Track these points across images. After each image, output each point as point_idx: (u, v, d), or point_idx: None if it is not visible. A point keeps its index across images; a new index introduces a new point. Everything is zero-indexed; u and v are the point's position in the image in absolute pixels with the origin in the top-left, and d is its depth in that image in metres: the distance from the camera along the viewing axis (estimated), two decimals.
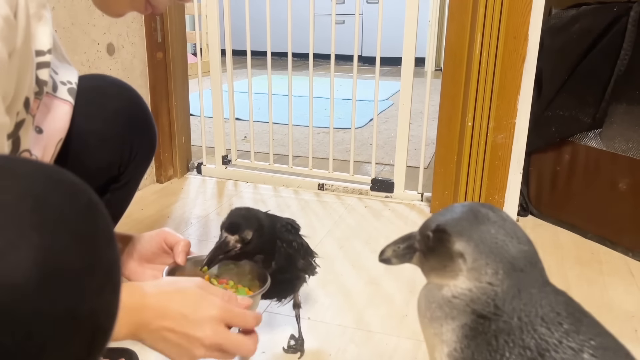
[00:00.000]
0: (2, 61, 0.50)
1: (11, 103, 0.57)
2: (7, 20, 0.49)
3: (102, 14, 1.60)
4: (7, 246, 0.32)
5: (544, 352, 0.53)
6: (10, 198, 0.33)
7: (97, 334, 0.37)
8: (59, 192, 0.36)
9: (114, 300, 0.38)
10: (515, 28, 1.49)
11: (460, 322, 0.57)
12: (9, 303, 0.32)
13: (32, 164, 0.37)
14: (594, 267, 1.40)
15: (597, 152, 1.49)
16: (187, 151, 2.05)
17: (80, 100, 0.77)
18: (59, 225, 0.35)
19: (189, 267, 0.91)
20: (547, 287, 0.58)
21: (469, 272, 0.58)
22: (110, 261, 0.38)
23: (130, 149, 0.93)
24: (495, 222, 0.58)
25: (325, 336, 1.09)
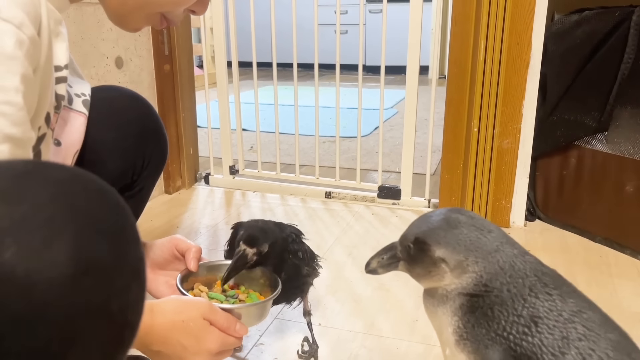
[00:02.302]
0: (29, 78, 0.51)
1: (33, 118, 0.59)
2: (33, 40, 0.51)
3: (110, 29, 1.63)
4: (43, 244, 0.34)
5: (537, 319, 0.59)
6: (44, 199, 0.35)
7: (126, 330, 0.39)
8: (88, 194, 0.38)
9: (140, 297, 0.40)
10: (518, 34, 1.51)
11: (458, 303, 0.65)
12: (44, 297, 0.33)
13: (61, 168, 0.39)
14: (602, 269, 1.40)
15: (603, 156, 1.50)
16: (194, 162, 2.07)
17: (94, 111, 0.79)
18: (89, 225, 0.36)
19: (201, 272, 0.93)
20: (527, 257, 0.65)
21: (453, 271, 0.65)
22: (136, 260, 0.39)
23: (143, 157, 0.95)
24: (465, 223, 0.65)
25: (337, 342, 1.10)
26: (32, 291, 0.33)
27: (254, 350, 1.07)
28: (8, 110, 0.49)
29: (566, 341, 0.58)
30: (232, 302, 0.89)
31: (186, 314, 0.73)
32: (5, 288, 0.32)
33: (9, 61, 0.49)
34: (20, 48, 0.50)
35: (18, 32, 0.50)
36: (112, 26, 1.64)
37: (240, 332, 0.79)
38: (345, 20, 4.45)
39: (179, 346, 0.72)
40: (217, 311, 0.77)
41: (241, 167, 2.06)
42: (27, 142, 0.53)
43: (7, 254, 0.33)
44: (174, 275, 0.90)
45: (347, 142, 2.70)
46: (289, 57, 1.90)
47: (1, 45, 0.48)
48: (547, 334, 0.59)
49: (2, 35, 0.48)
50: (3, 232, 0.33)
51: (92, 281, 0.35)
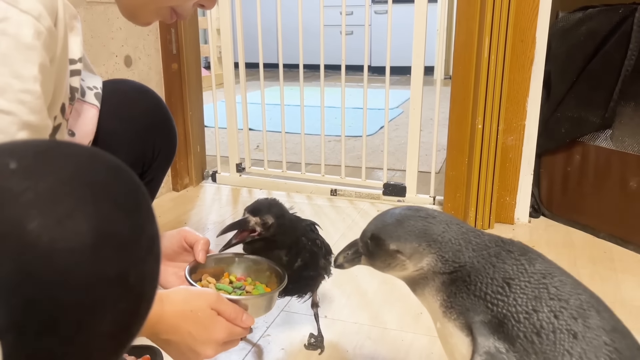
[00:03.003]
0: (46, 68, 0.54)
1: (49, 107, 0.61)
2: (50, 30, 0.54)
3: (120, 28, 1.66)
4: (66, 215, 0.36)
5: (509, 280, 0.64)
6: (66, 174, 0.37)
7: (142, 301, 0.40)
8: (106, 170, 0.40)
9: (155, 270, 0.42)
10: (522, 32, 1.52)
11: (439, 282, 0.71)
12: (66, 265, 0.35)
13: (79, 146, 0.41)
14: (606, 265, 1.41)
15: (607, 152, 1.51)
16: (202, 160, 2.09)
17: (105, 103, 0.81)
18: (108, 199, 0.39)
19: (209, 264, 0.95)
20: (478, 231, 0.72)
21: (411, 259, 0.72)
22: (152, 233, 0.41)
23: (153, 148, 0.97)
24: (412, 216, 0.72)
25: (342, 333, 1.11)
26: (55, 259, 0.35)
27: (261, 341, 1.09)
28: (27, 98, 0.51)
29: (538, 300, 0.62)
30: (239, 294, 0.91)
31: (195, 303, 0.75)
32: (30, 255, 0.34)
33: (27, 51, 0.51)
34: (38, 38, 0.52)
35: (36, 23, 0.52)
36: (121, 25, 1.67)
37: (247, 322, 0.81)
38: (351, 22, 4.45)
39: (188, 335, 0.73)
40: (225, 302, 0.79)
41: (248, 165, 2.08)
42: (44, 129, 0.55)
43: (32, 224, 0.35)
44: (183, 266, 0.92)
45: (352, 141, 2.72)
46: (295, 58, 1.92)
47: (20, 36, 0.50)
48: (520, 294, 0.63)
49: (21, 26, 0.50)
50: (28, 204, 0.35)
51: (111, 252, 0.37)
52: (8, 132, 0.50)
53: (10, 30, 0.49)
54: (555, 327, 0.60)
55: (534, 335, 0.61)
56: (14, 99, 0.50)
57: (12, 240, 0.34)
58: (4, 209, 0.35)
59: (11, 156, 0.37)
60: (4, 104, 0.49)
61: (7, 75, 0.49)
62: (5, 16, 0.49)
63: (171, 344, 0.75)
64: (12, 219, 0.35)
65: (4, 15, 0.49)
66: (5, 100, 0.49)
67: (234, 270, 0.99)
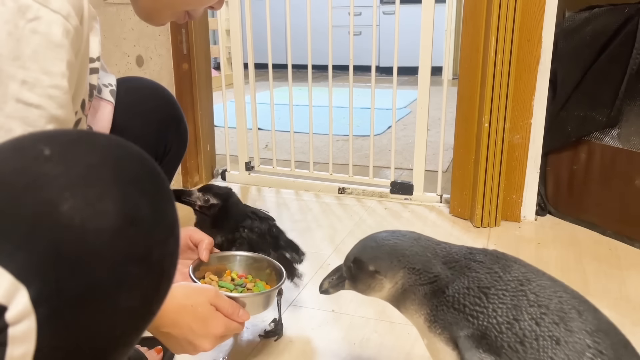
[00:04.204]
0: (73, 65, 0.57)
1: (72, 101, 0.64)
2: (77, 29, 0.57)
3: (132, 28, 1.69)
4: (94, 199, 0.39)
5: (485, 290, 0.66)
6: (95, 161, 0.41)
7: (163, 278, 0.43)
8: (130, 158, 0.43)
9: (175, 250, 0.44)
10: (529, 31, 1.54)
11: (420, 295, 0.73)
12: (96, 243, 0.38)
13: (107, 136, 0.44)
14: (612, 262, 1.42)
15: (613, 150, 1.52)
16: (211, 158, 2.12)
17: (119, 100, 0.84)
18: (133, 184, 0.42)
19: (212, 262, 0.98)
20: (446, 245, 0.75)
21: (387, 277, 0.75)
22: (172, 217, 0.44)
23: (165, 143, 1.00)
24: (386, 237, 0.77)
25: (349, 327, 1.14)
26: (86, 238, 0.38)
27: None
28: (55, 93, 0.54)
29: (518, 309, 0.63)
30: (240, 291, 0.95)
31: (195, 299, 0.79)
32: (63, 233, 0.37)
33: (57, 49, 0.54)
34: (66, 37, 0.55)
35: (65, 22, 0.55)
36: (133, 26, 1.70)
37: (243, 317, 0.85)
38: (359, 22, 4.49)
39: (187, 328, 0.77)
40: (223, 298, 0.83)
41: (257, 163, 2.10)
42: (69, 123, 0.58)
43: (65, 206, 0.38)
44: (187, 264, 0.95)
45: (360, 141, 2.74)
46: (303, 58, 1.95)
47: (51, 34, 0.53)
48: (499, 304, 0.64)
49: (52, 25, 0.53)
50: (62, 188, 0.38)
51: (136, 233, 0.40)
52: (37, 125, 0.53)
53: (41, 28, 0.52)
54: (538, 334, 0.61)
55: (517, 344, 0.62)
56: (44, 93, 0.53)
57: (47, 220, 0.37)
58: (40, 191, 0.38)
59: (46, 144, 0.40)
60: (34, 98, 0.52)
61: (38, 71, 0.52)
62: (37, 15, 0.52)
63: (171, 337, 0.78)
64: (48, 200, 0.38)
65: (36, 14, 0.52)
66: (35, 94, 0.52)
67: (236, 268, 1.02)
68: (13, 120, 0.51)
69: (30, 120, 0.52)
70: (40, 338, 0.37)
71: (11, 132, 0.51)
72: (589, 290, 1.28)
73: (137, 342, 0.45)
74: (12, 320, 0.35)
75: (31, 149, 0.40)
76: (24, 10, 0.51)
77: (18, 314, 0.36)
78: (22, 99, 0.52)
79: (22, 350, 0.36)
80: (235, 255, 1.03)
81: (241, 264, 1.02)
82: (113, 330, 0.41)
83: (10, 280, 0.35)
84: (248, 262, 1.02)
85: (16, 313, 0.36)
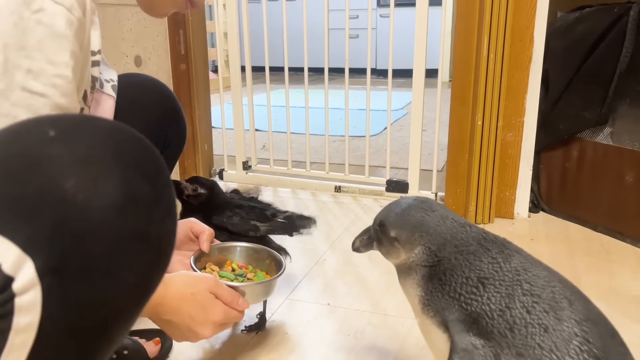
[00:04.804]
0: (76, 55, 0.59)
1: None
2: (80, 20, 0.59)
3: (130, 29, 1.72)
4: (97, 177, 0.41)
5: (484, 280, 0.68)
6: (97, 142, 0.43)
7: (162, 256, 0.45)
8: (131, 140, 0.45)
9: (173, 230, 0.47)
10: (521, 31, 1.56)
11: (420, 275, 0.76)
12: (98, 220, 0.40)
13: (107, 120, 0.47)
14: (603, 257, 1.45)
15: (604, 147, 1.54)
16: (209, 158, 2.14)
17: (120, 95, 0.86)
18: (133, 165, 0.44)
19: (213, 253, 1.00)
20: (469, 227, 0.75)
21: (405, 247, 0.77)
22: (170, 198, 0.46)
23: (165, 138, 1.02)
24: (414, 207, 0.77)
25: (344, 320, 1.16)
26: (88, 214, 0.40)
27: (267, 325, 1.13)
28: (59, 82, 0.56)
29: (511, 297, 0.65)
30: (241, 281, 0.97)
31: (195, 287, 0.81)
32: (68, 209, 0.40)
33: (60, 39, 0.56)
34: (70, 28, 0.57)
35: (68, 14, 0.57)
36: (131, 26, 1.73)
37: (242, 305, 0.87)
38: (356, 25, 4.51)
39: (187, 316, 0.79)
40: (222, 286, 0.85)
41: (254, 163, 2.13)
42: (73, 111, 0.60)
43: (69, 184, 0.40)
44: (188, 255, 0.97)
45: (356, 141, 2.76)
46: (301, 61, 1.97)
47: (55, 25, 0.55)
48: (494, 293, 0.66)
49: (55, 16, 0.55)
50: (66, 166, 0.40)
51: (136, 211, 0.43)
52: (42, 112, 0.55)
53: (45, 20, 0.54)
54: (527, 322, 0.63)
55: (507, 330, 0.64)
56: (48, 82, 0.55)
57: (52, 196, 0.40)
58: (45, 170, 0.40)
59: (50, 126, 0.43)
60: (39, 87, 0.54)
61: (42, 61, 0.54)
62: (41, 7, 0.54)
63: (172, 324, 0.80)
64: (52, 178, 0.40)
65: (40, 6, 0.54)
66: (40, 83, 0.54)
67: (236, 259, 1.04)
68: (19, 109, 0.54)
69: (35, 108, 0.54)
70: (45, 308, 0.39)
71: (17, 119, 0.53)
72: (580, 284, 1.28)
73: (136, 318, 0.47)
74: (19, 290, 0.37)
75: (37, 131, 0.42)
76: (29, 2, 0.53)
77: (24, 285, 0.38)
78: (28, 88, 0.54)
79: (28, 320, 0.38)
80: (235, 246, 1.05)
81: (241, 254, 1.05)
82: (114, 302, 0.43)
83: (17, 253, 0.38)
84: (248, 253, 1.05)
85: (22, 284, 0.38)
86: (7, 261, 0.37)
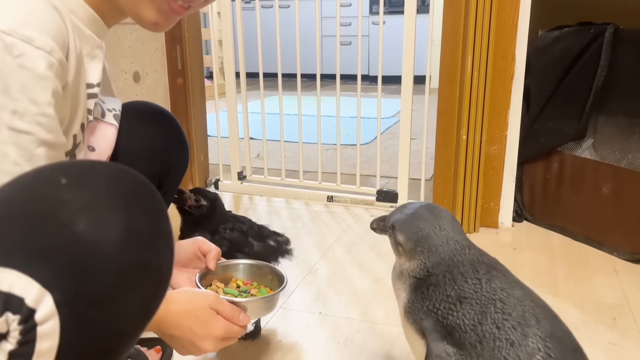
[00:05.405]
0: (59, 94, 0.64)
1: (67, 127, 0.72)
2: (61, 62, 0.64)
3: (129, 46, 1.78)
4: (103, 215, 0.48)
5: (462, 299, 0.75)
6: (103, 186, 0.50)
7: (161, 283, 0.53)
8: (131, 182, 0.52)
9: (170, 259, 0.54)
10: (503, 50, 1.64)
11: (408, 283, 0.84)
12: (106, 255, 0.47)
13: (112, 164, 0.54)
14: (580, 265, 1.52)
15: (582, 161, 1.62)
16: (205, 169, 2.21)
17: (126, 123, 0.92)
18: (135, 203, 0.51)
19: (218, 271, 1.07)
20: (468, 250, 0.81)
21: (406, 254, 0.85)
22: (168, 231, 0.54)
23: (168, 164, 1.09)
24: (426, 219, 0.83)
25: (335, 327, 1.23)
26: (97, 251, 0.47)
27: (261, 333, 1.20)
28: (42, 120, 0.62)
29: (484, 314, 0.73)
30: (245, 297, 1.03)
31: (196, 303, 0.87)
32: (79, 249, 0.47)
33: (42, 80, 0.61)
34: (50, 69, 0.62)
35: (49, 56, 0.62)
36: (130, 44, 1.79)
37: (243, 321, 0.92)
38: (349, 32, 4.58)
39: (189, 330, 0.85)
40: (223, 302, 0.91)
41: (249, 173, 2.19)
42: (59, 145, 0.66)
43: (80, 226, 0.47)
44: (195, 272, 1.03)
45: (348, 150, 2.83)
46: (294, 67, 2.04)
47: (36, 68, 0.60)
48: (469, 309, 0.74)
49: (35, 60, 0.60)
50: (76, 211, 0.48)
51: (138, 246, 0.50)
52: (28, 148, 0.61)
53: (26, 63, 0.60)
54: (496, 336, 0.71)
55: (477, 343, 0.72)
56: (33, 121, 0.61)
57: (66, 238, 0.47)
58: (59, 213, 0.47)
59: (61, 174, 0.50)
60: (24, 125, 0.60)
61: (26, 101, 0.60)
62: (22, 52, 0.59)
63: (175, 338, 0.86)
64: (66, 221, 0.47)
65: (21, 51, 0.59)
66: (26, 122, 0.60)
67: (240, 275, 1.11)
68: (7, 146, 0.59)
69: (22, 144, 0.60)
70: (63, 334, 0.46)
71: (7, 156, 0.59)
72: (558, 292, 1.38)
73: (139, 336, 0.54)
74: (40, 320, 0.45)
75: (50, 179, 0.49)
76: (10, 48, 0.58)
77: (45, 315, 0.45)
78: (14, 127, 0.59)
79: (48, 345, 0.45)
80: (238, 263, 1.11)
81: (245, 271, 1.11)
82: (121, 325, 0.50)
83: (38, 288, 0.45)
84: (252, 269, 1.11)
85: (43, 314, 0.45)
86: (29, 295, 0.44)
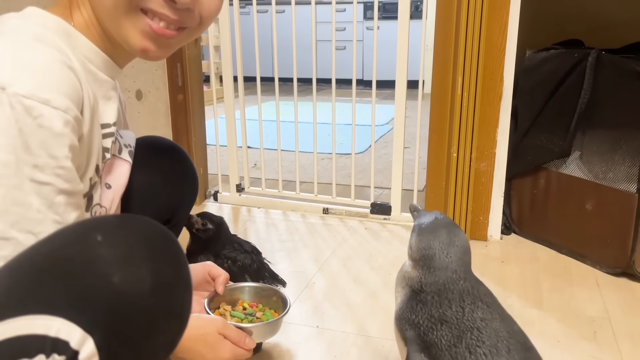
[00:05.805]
0: (75, 148, 0.71)
1: (84, 173, 0.79)
2: (77, 118, 0.71)
3: (132, 65, 1.84)
4: (135, 268, 0.56)
5: (444, 321, 0.83)
6: (134, 242, 0.58)
7: (182, 322, 0.61)
8: (157, 235, 0.60)
9: (189, 301, 0.62)
10: (491, 71, 1.72)
11: (405, 290, 0.92)
12: (138, 302, 0.55)
13: (139, 219, 0.61)
14: (565, 278, 1.60)
15: (567, 177, 1.70)
16: (204, 181, 2.28)
17: (140, 157, 0.99)
18: (161, 256, 0.59)
19: (226, 294, 1.14)
20: (463, 282, 0.87)
21: (410, 260, 0.92)
22: (188, 276, 0.61)
23: (180, 197, 1.16)
24: (440, 241, 0.89)
25: (331, 341, 1.30)
26: (131, 299, 0.55)
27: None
28: (61, 172, 0.68)
29: (460, 339, 0.81)
30: (251, 320, 1.10)
31: (205, 329, 0.94)
32: (115, 298, 0.54)
33: (59, 137, 0.68)
34: (66, 126, 0.68)
35: (65, 115, 0.68)
36: (133, 63, 1.85)
37: (249, 345, 0.99)
38: (344, 37, 4.65)
39: (199, 354, 0.92)
40: (230, 327, 0.98)
41: (247, 185, 2.26)
42: (77, 193, 0.73)
43: (115, 279, 0.54)
44: (204, 295, 1.10)
45: (343, 159, 2.90)
46: (290, 72, 2.10)
47: (53, 127, 0.66)
48: (447, 332, 0.82)
49: (53, 119, 0.67)
50: (112, 264, 0.55)
51: (164, 292, 0.58)
52: (49, 197, 0.67)
53: (44, 123, 0.66)
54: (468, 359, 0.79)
55: None
56: (52, 173, 0.67)
57: (103, 290, 0.54)
58: (97, 268, 0.55)
59: (96, 231, 0.57)
60: (44, 177, 0.67)
61: (45, 156, 0.66)
62: (40, 113, 0.65)
63: None
64: (103, 274, 0.54)
65: (40, 112, 0.65)
66: (46, 174, 0.67)
67: (246, 297, 1.17)
68: (30, 196, 0.66)
69: (43, 194, 0.66)
70: None
71: (31, 205, 0.66)
72: (542, 305, 1.46)
73: None
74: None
75: (88, 237, 0.57)
76: (30, 111, 0.65)
77: (87, 356, 0.52)
78: (35, 179, 0.66)
79: None
80: (244, 286, 1.18)
81: (250, 293, 1.18)
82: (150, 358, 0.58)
83: (81, 333, 0.52)
84: (257, 291, 1.18)
85: (85, 356, 0.52)
86: (74, 339, 0.52)
